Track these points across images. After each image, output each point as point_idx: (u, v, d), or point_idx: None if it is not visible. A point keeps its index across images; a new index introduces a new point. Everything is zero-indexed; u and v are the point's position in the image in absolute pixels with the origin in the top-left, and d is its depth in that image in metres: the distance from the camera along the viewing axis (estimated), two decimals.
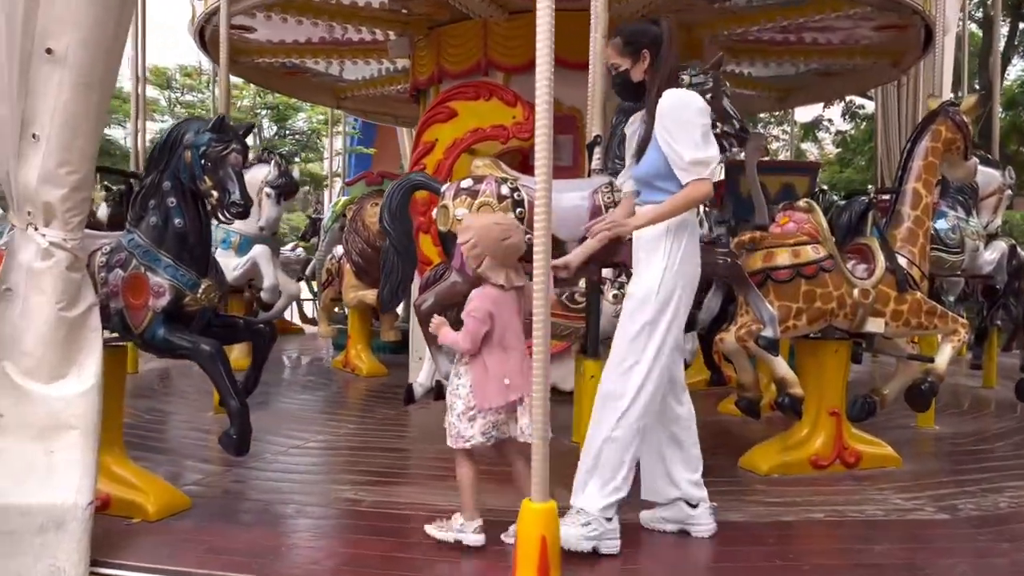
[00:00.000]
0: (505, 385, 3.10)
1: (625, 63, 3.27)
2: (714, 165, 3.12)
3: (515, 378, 3.10)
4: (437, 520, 3.28)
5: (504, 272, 3.14)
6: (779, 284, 4.14)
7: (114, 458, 3.51)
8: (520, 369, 3.10)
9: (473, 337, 3.10)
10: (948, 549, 3.26)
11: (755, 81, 9.83)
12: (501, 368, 3.11)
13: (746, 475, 4.30)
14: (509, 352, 3.13)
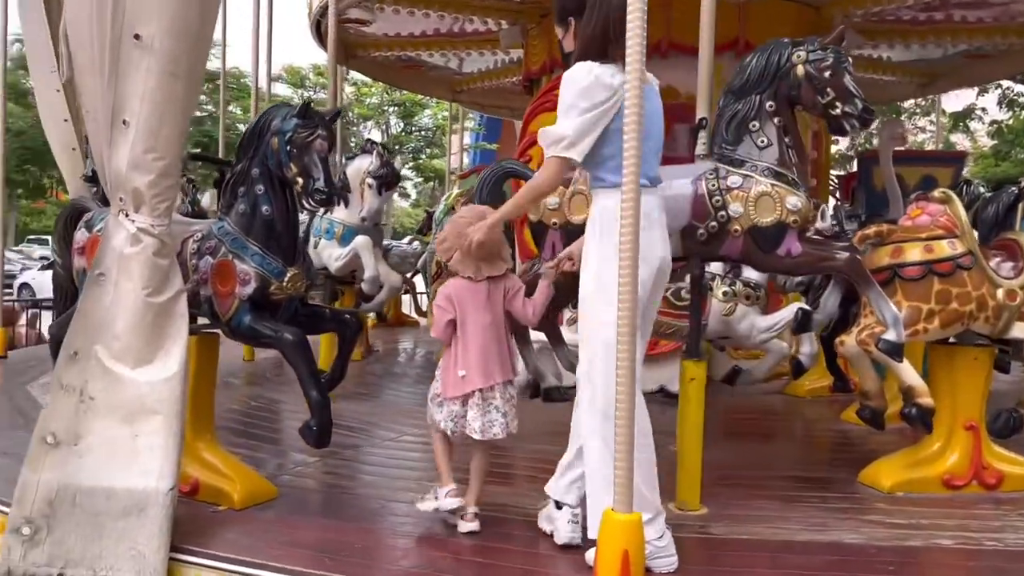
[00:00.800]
0: (460, 377, 3.12)
1: (559, 33, 3.06)
2: (568, 142, 2.79)
3: (472, 371, 3.10)
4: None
5: (474, 264, 3.14)
6: (908, 282, 3.73)
7: (205, 444, 3.53)
8: (479, 362, 3.10)
9: (436, 325, 3.22)
10: None
11: (895, 66, 9.16)
12: (460, 360, 3.14)
13: (866, 491, 3.91)
14: (469, 344, 3.13)
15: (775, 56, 3.41)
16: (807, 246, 3.35)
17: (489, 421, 3.13)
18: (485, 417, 3.12)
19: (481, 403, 3.13)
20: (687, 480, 3.53)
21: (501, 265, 3.18)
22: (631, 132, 2.60)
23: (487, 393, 3.13)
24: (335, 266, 5.73)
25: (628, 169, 2.60)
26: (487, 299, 3.16)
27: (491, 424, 3.13)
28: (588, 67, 2.81)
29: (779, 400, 6.51)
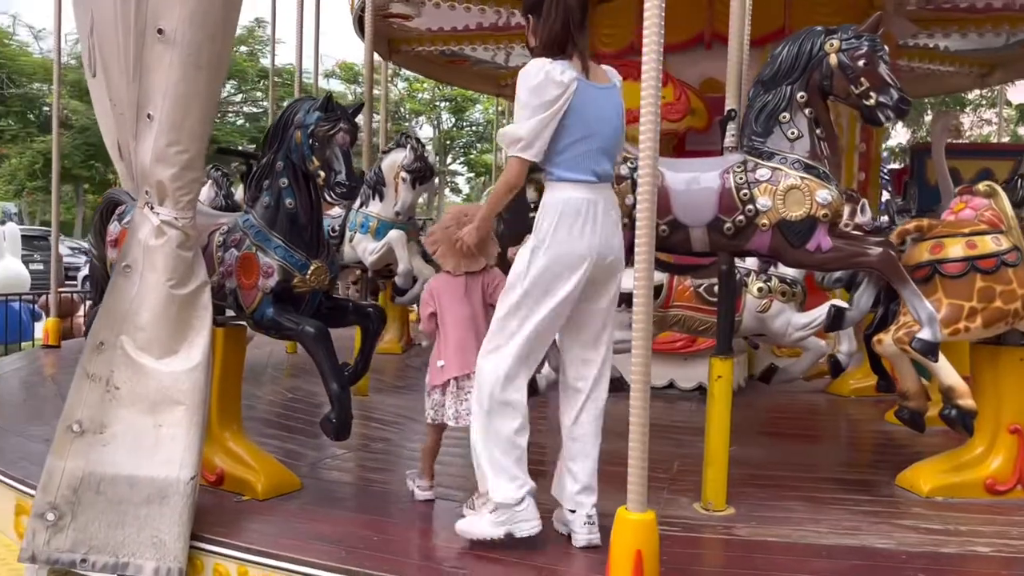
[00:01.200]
0: (439, 367, 3.28)
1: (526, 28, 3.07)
2: (523, 143, 2.80)
3: (449, 360, 3.25)
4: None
5: (455, 259, 3.28)
6: (949, 279, 3.59)
7: (231, 434, 3.57)
8: (456, 352, 3.24)
9: (421, 318, 3.43)
10: None
11: (953, 55, 8.88)
12: (440, 350, 3.30)
13: (904, 496, 3.78)
14: (448, 335, 3.29)
15: (807, 45, 3.31)
16: (838, 241, 3.25)
17: (465, 409, 3.19)
18: (460, 405, 3.24)
19: (456, 391, 3.25)
20: (713, 479, 3.45)
21: (480, 261, 3.31)
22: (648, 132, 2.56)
23: (462, 381, 3.24)
24: (370, 260, 5.76)
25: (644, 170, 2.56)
26: (464, 293, 3.31)
27: (465, 412, 3.18)
28: (540, 64, 2.82)
29: (823, 400, 6.35)
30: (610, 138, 2.94)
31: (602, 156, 2.91)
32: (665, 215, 3.36)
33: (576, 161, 2.85)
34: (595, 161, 2.87)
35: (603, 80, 2.97)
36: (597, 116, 2.87)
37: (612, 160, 2.97)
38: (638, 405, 2.58)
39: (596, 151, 2.87)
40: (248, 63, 28.03)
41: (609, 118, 2.94)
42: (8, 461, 3.88)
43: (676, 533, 3.21)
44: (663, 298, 4.57)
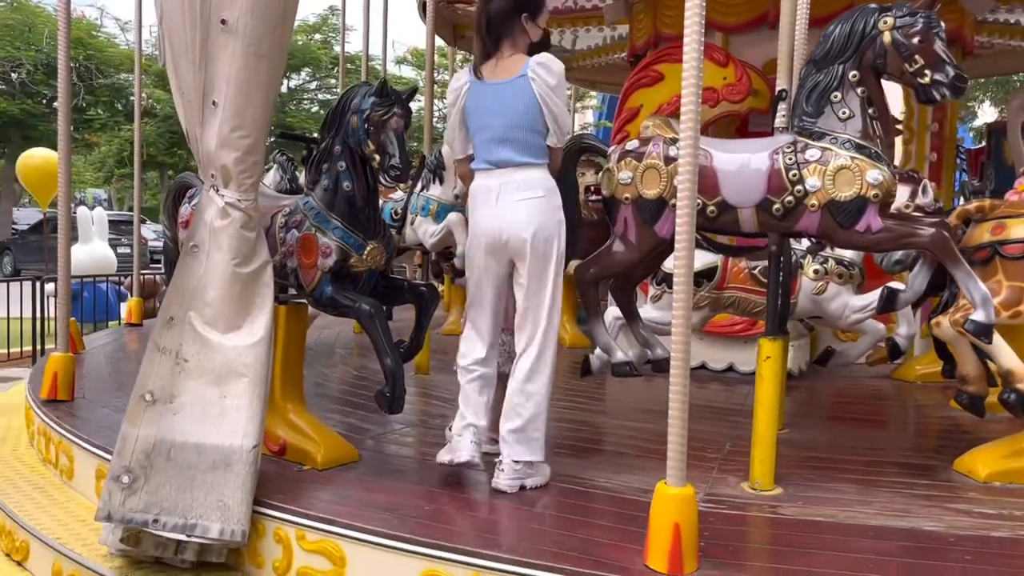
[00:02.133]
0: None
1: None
2: (448, 143, 3.72)
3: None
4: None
5: None
6: (1010, 261, 3.51)
7: (293, 407, 3.74)
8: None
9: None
10: None
11: None
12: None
13: (961, 480, 3.72)
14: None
15: (860, 23, 3.27)
16: (888, 221, 3.21)
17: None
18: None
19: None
20: (761, 459, 3.47)
21: None
22: (688, 114, 2.60)
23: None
24: (430, 242, 5.89)
25: (684, 152, 2.60)
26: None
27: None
28: (459, 72, 3.45)
29: (888, 385, 6.23)
30: (502, 128, 3.28)
31: (496, 145, 3.29)
32: (714, 196, 3.38)
33: (479, 152, 3.37)
34: (489, 151, 3.32)
35: (507, 75, 3.29)
36: (488, 110, 3.30)
37: (515, 146, 3.27)
38: (678, 381, 2.63)
39: (489, 141, 3.31)
40: (322, 51, 28.55)
41: (501, 111, 3.29)
42: (92, 430, 4.15)
43: (721, 511, 3.25)
44: (718, 279, 4.58)
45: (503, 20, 3.30)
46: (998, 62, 9.60)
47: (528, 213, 3.24)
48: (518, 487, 3.35)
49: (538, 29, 3.39)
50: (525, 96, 3.23)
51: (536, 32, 3.38)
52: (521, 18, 3.31)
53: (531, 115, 3.24)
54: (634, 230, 3.49)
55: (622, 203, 3.50)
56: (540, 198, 3.26)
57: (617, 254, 3.54)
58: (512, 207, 3.24)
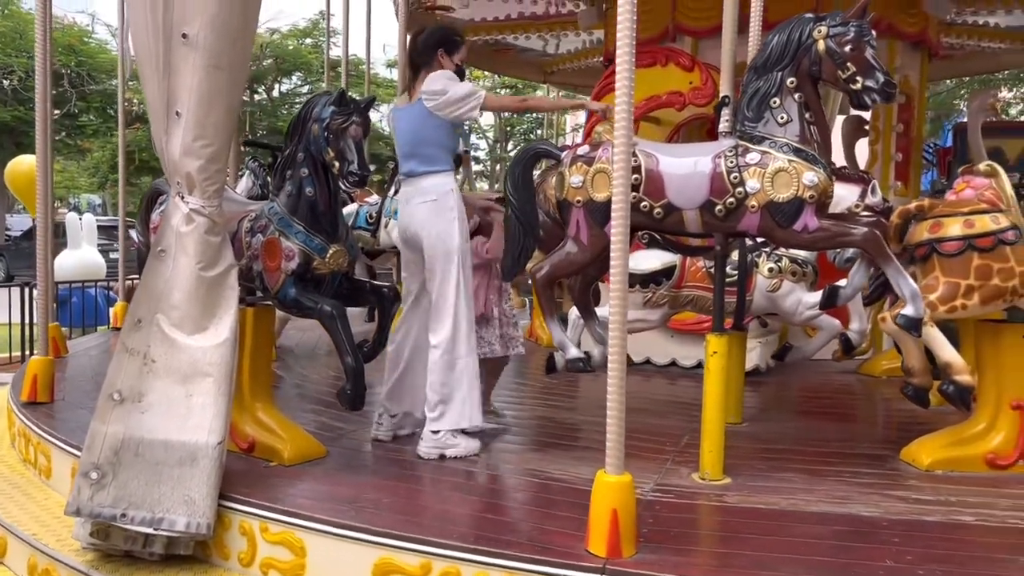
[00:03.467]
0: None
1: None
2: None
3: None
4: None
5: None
6: (946, 258, 3.66)
7: (262, 405, 3.87)
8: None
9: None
10: None
11: (1005, 32, 8.66)
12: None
13: (905, 468, 3.87)
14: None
15: (796, 32, 3.41)
16: (825, 221, 3.36)
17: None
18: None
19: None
20: (710, 450, 3.61)
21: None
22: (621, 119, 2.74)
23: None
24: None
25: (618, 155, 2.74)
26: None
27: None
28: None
29: (855, 380, 6.38)
30: (408, 145, 3.91)
31: (406, 160, 3.92)
32: (660, 198, 3.52)
33: (400, 165, 4.00)
34: (404, 164, 3.94)
35: (412, 100, 3.88)
36: (401, 130, 3.94)
37: (418, 159, 3.86)
38: (615, 375, 2.76)
39: (403, 156, 3.94)
40: (313, 55, 28.69)
41: (408, 130, 3.90)
42: (69, 431, 4.28)
43: (669, 499, 3.39)
44: (676, 278, 4.72)
45: (423, 52, 3.89)
46: (968, 64, 9.78)
47: (424, 214, 3.82)
48: (437, 455, 3.86)
49: (452, 64, 3.90)
50: (422, 116, 3.80)
51: (450, 66, 3.88)
52: (438, 52, 3.87)
53: (428, 131, 3.81)
54: (586, 232, 3.63)
55: (574, 206, 3.64)
56: (433, 201, 3.81)
57: (570, 255, 3.68)
58: (415, 209, 3.86)
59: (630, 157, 2.74)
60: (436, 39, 3.89)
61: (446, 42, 3.89)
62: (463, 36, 4.01)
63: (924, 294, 3.61)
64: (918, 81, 7.48)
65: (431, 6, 8.38)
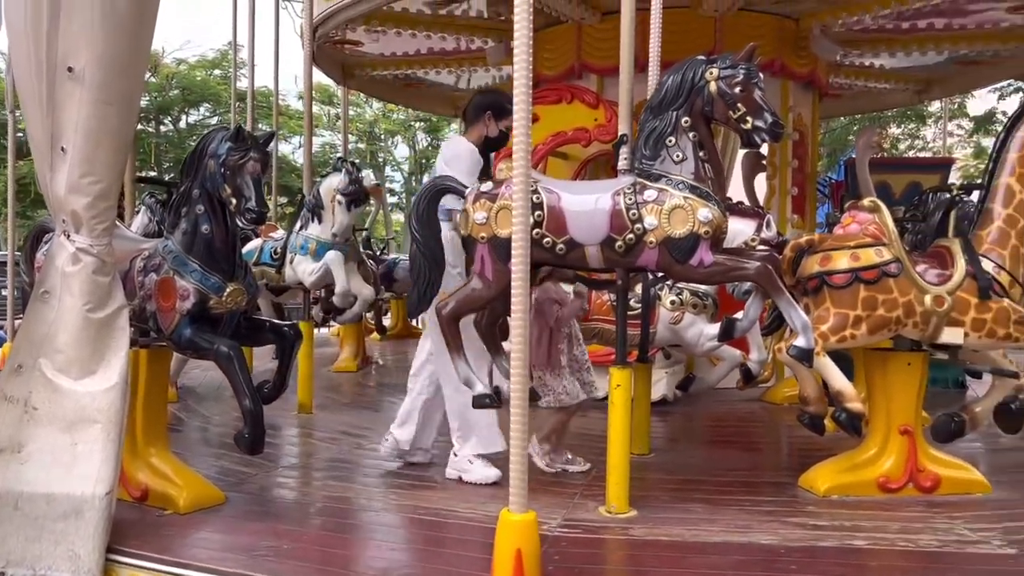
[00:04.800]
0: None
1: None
2: None
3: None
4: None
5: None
6: (836, 290, 3.81)
7: (156, 451, 3.72)
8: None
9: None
10: None
11: (889, 73, 9.17)
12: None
13: (804, 495, 3.98)
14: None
15: (689, 73, 3.52)
16: (719, 256, 3.45)
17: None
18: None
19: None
20: (616, 484, 3.63)
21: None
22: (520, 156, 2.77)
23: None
24: (309, 280, 5.93)
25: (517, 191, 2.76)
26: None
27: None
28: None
29: (759, 408, 6.57)
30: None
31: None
32: (562, 235, 3.56)
33: None
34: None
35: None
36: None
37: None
38: (517, 411, 2.76)
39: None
40: (222, 86, 28.17)
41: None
42: None
43: (575, 535, 3.39)
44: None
45: (473, 109, 4.27)
46: (857, 102, 10.31)
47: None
48: (456, 477, 4.16)
49: (496, 128, 4.23)
50: (440, 166, 4.19)
51: (494, 130, 4.23)
52: (486, 115, 4.22)
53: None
54: (490, 268, 3.63)
55: (478, 242, 3.64)
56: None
57: (475, 291, 3.67)
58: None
59: (528, 194, 2.77)
60: (487, 102, 4.26)
61: (496, 107, 4.21)
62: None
63: (816, 325, 3.75)
64: (810, 119, 7.85)
65: (340, 40, 8.34)
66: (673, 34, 6.50)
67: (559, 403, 4.28)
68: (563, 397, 4.28)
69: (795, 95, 7.45)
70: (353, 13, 6.76)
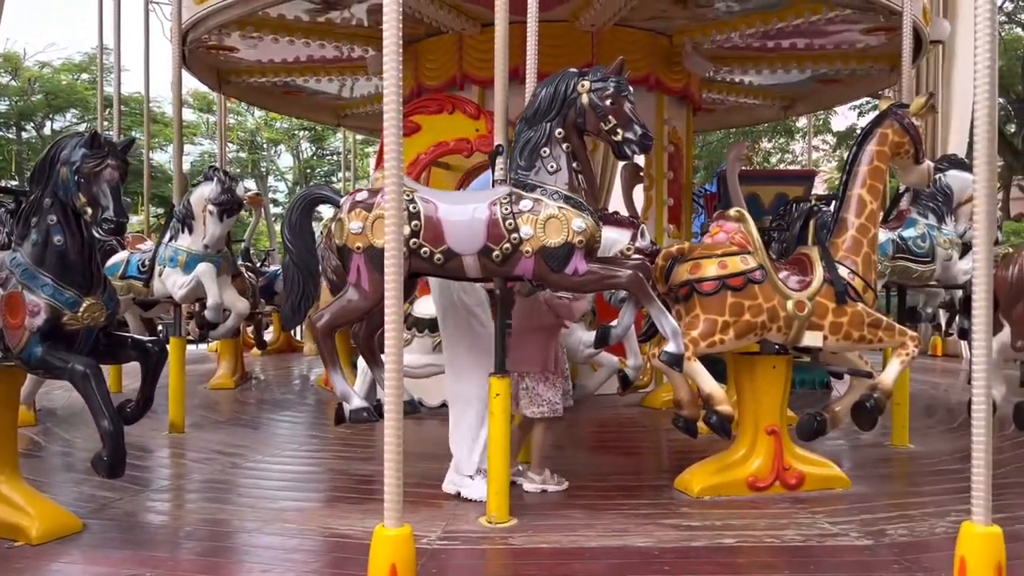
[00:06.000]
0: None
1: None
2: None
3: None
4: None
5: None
6: (705, 296, 3.94)
7: (6, 479, 3.47)
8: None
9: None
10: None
11: (757, 90, 9.60)
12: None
13: (679, 497, 4.10)
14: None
15: (562, 85, 3.58)
16: (593, 265, 3.51)
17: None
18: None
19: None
20: (496, 493, 3.63)
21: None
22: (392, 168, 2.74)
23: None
24: (179, 294, 5.66)
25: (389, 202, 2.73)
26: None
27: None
28: None
29: (639, 412, 6.73)
30: None
31: None
32: (440, 244, 3.54)
33: None
34: None
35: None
36: None
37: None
38: (391, 425, 2.72)
39: None
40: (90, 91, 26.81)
41: None
42: None
43: (455, 546, 3.37)
44: None
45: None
46: (730, 117, 10.76)
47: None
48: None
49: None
50: None
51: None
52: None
53: None
54: (367, 278, 3.57)
55: (354, 252, 3.58)
56: None
57: (352, 302, 3.60)
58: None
59: (401, 202, 2.74)
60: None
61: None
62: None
63: (687, 331, 3.87)
64: (685, 132, 8.13)
65: (213, 46, 8.06)
66: (553, 47, 6.66)
67: (553, 413, 4.17)
68: (557, 407, 4.17)
69: (670, 109, 7.70)
70: (225, 18, 6.55)
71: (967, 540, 2.64)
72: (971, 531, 2.64)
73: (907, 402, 5.37)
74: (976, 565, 2.60)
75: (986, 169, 2.61)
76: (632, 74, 6.49)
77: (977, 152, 2.63)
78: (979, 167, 2.63)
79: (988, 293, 2.65)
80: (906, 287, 5.49)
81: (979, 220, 2.62)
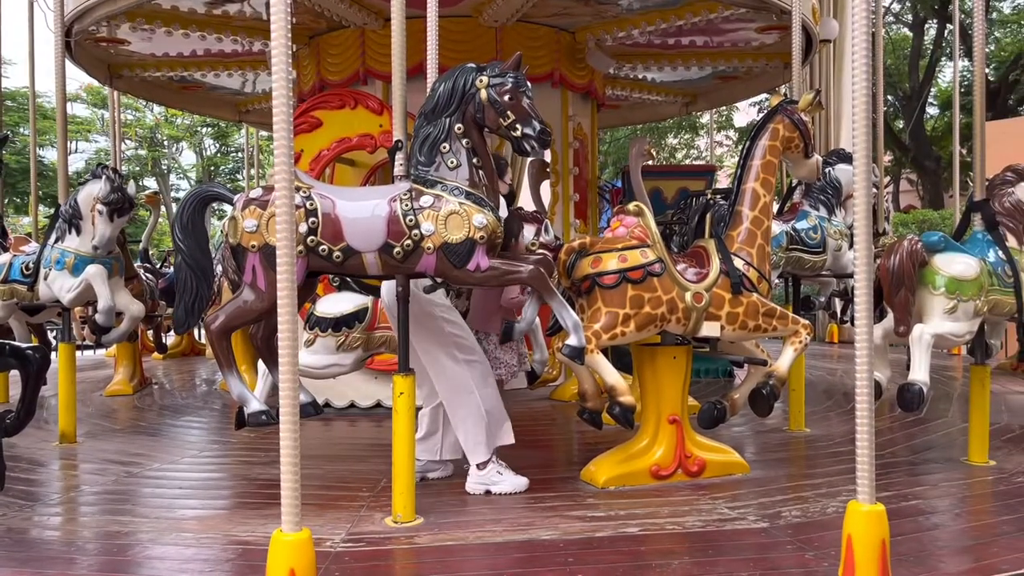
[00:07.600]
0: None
1: None
2: None
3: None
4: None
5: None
6: (606, 290, 3.99)
7: None
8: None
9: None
10: (745, 561, 3.11)
11: (659, 86, 9.80)
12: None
13: (584, 488, 4.15)
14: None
15: (461, 81, 3.57)
16: (495, 261, 3.52)
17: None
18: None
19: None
20: (401, 492, 3.59)
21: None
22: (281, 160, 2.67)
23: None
24: (67, 297, 5.39)
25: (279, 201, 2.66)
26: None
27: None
28: None
29: (548, 406, 6.80)
30: None
31: None
32: (339, 242, 3.48)
33: None
34: None
35: None
36: None
37: None
38: (287, 427, 2.65)
39: None
40: None
41: None
42: None
43: (359, 548, 3.32)
44: (368, 320, 4.70)
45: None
46: (634, 113, 10.96)
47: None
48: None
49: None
50: None
51: None
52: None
53: None
54: (263, 278, 3.49)
55: (249, 251, 3.49)
56: None
57: (248, 303, 3.51)
58: None
59: (292, 199, 2.67)
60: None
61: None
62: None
63: (589, 324, 3.92)
64: (590, 128, 8.23)
65: (102, 38, 7.72)
66: (457, 43, 6.66)
67: (511, 375, 4.45)
68: (514, 368, 4.45)
69: (574, 105, 7.78)
70: (113, 9, 6.28)
71: (853, 519, 2.74)
72: (857, 510, 2.74)
73: (803, 388, 5.59)
74: (862, 542, 2.70)
75: (864, 161, 2.72)
76: (536, 70, 6.60)
77: (856, 145, 2.73)
78: (857, 159, 2.73)
79: (869, 281, 2.76)
80: (800, 277, 5.69)
81: (858, 210, 2.73)
